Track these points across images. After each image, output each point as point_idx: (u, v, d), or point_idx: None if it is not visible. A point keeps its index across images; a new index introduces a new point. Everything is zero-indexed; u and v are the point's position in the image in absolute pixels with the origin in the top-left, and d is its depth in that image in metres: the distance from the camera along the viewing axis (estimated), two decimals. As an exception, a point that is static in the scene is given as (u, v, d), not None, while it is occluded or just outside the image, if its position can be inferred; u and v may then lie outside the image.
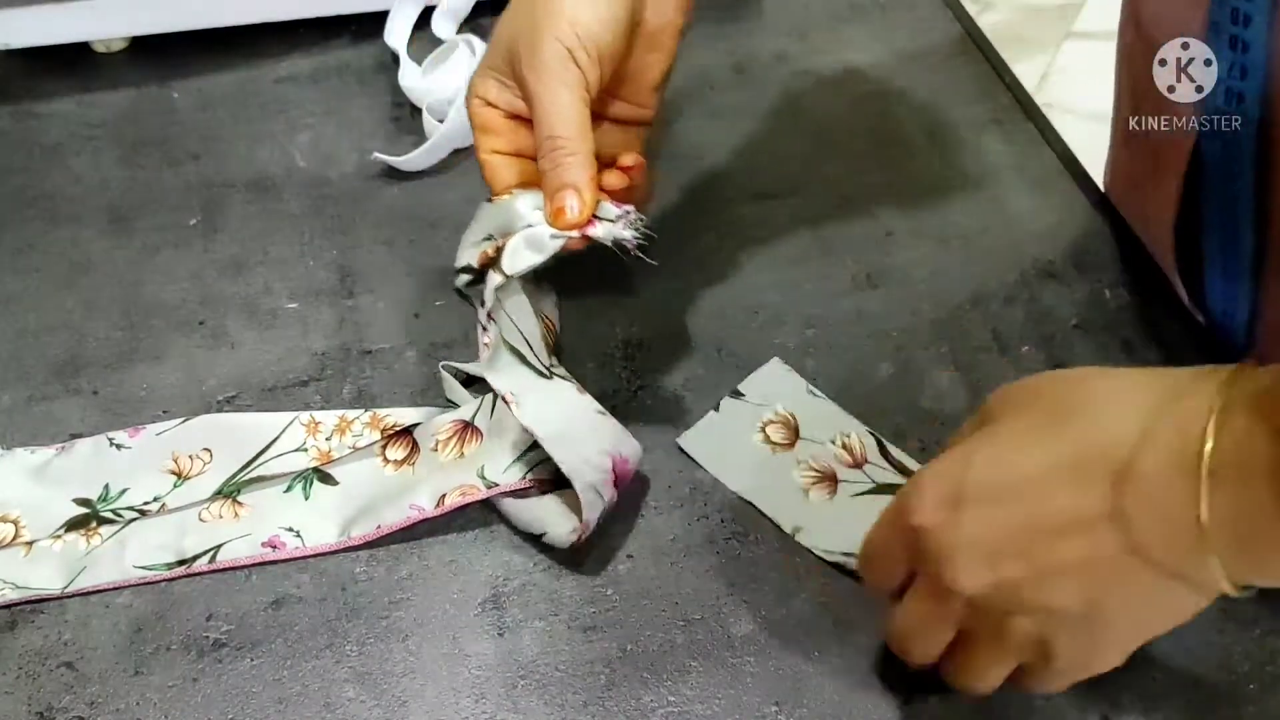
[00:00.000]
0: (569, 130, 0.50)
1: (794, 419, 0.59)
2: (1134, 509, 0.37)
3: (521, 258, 0.52)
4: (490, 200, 0.55)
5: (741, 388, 0.60)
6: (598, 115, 0.54)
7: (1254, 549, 0.36)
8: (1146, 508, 0.37)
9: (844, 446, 0.58)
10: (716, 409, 0.60)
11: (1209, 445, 0.35)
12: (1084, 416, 0.39)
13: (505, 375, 0.55)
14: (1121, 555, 0.38)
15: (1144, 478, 0.37)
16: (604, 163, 0.53)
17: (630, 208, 0.52)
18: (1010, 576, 0.40)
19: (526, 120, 0.53)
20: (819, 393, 0.60)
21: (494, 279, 0.54)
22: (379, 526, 0.54)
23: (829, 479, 0.57)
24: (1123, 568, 0.38)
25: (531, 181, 0.53)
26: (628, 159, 0.54)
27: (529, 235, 0.52)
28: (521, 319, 0.55)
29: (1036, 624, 0.41)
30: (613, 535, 0.55)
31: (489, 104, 0.53)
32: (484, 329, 0.58)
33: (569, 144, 0.50)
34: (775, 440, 0.58)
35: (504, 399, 0.54)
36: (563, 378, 0.57)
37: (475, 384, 0.59)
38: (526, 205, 0.52)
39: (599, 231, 0.51)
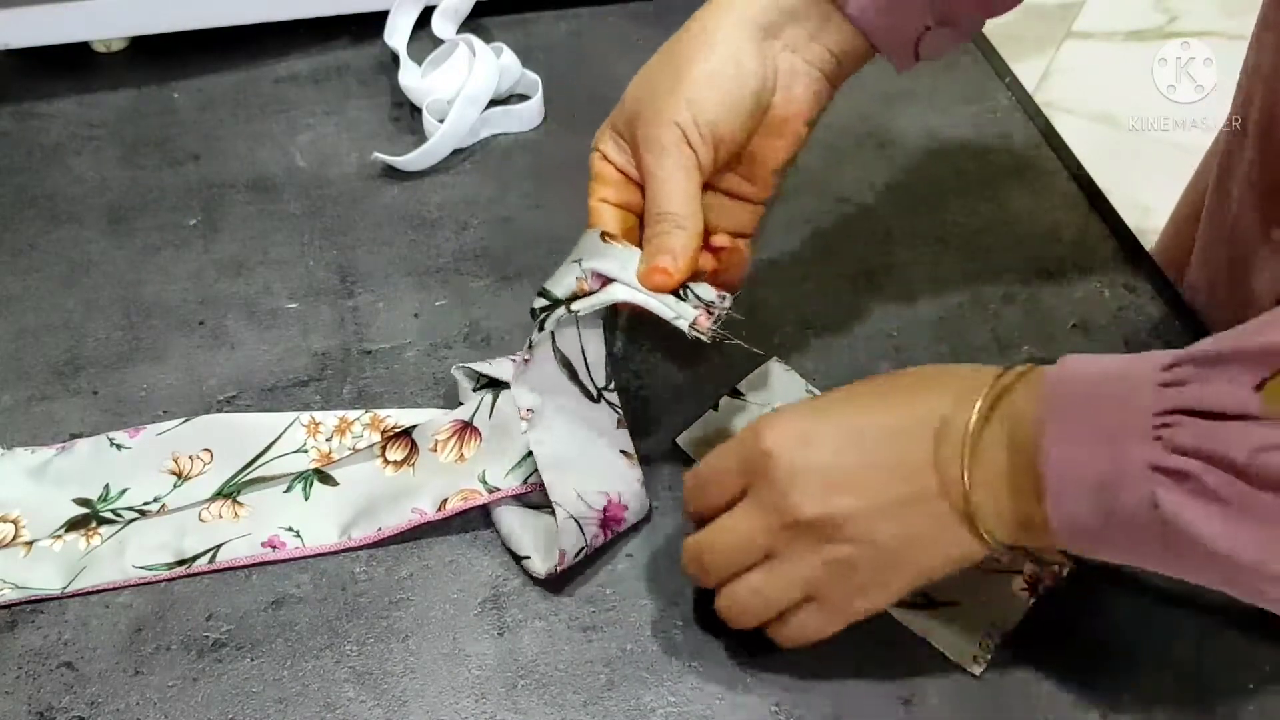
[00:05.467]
0: (679, 208, 0.50)
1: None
2: (946, 456, 0.44)
3: (597, 300, 0.51)
4: (604, 237, 0.53)
5: (741, 387, 0.61)
6: (710, 186, 0.53)
7: (1001, 511, 0.44)
8: (952, 460, 0.44)
9: None
10: (715, 408, 0.60)
11: (969, 434, 0.44)
12: (912, 391, 0.47)
13: (535, 391, 0.55)
14: (936, 498, 0.44)
15: (949, 442, 0.44)
16: (709, 232, 0.53)
17: (725, 294, 0.51)
18: (843, 508, 0.45)
19: (637, 180, 0.53)
20: (818, 392, 0.60)
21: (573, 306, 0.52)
22: (380, 529, 0.55)
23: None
24: (936, 509, 0.44)
25: (630, 235, 0.53)
26: (721, 239, 0.54)
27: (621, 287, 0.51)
28: (590, 339, 0.55)
29: (846, 554, 0.45)
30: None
31: (606, 158, 0.54)
32: (529, 345, 0.55)
33: (679, 220, 0.50)
34: (775, 440, 0.58)
35: (521, 414, 0.54)
36: (611, 405, 0.56)
37: (484, 387, 0.59)
38: (629, 256, 0.52)
39: (667, 313, 0.50)
